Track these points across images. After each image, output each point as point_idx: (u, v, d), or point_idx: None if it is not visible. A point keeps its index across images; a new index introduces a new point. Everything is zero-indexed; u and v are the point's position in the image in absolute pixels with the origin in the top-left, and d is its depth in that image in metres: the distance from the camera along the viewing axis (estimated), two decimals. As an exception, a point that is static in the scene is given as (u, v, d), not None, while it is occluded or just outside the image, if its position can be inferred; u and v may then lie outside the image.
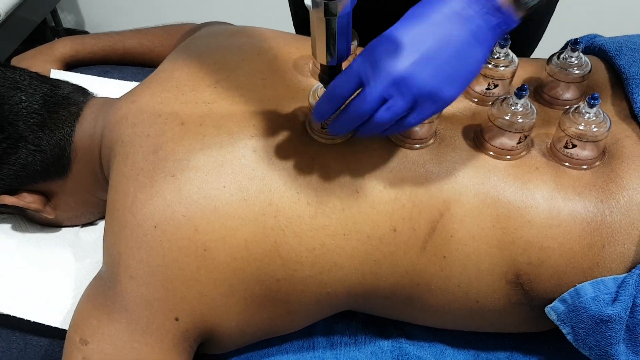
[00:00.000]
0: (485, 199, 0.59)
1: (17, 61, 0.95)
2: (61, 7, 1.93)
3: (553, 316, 0.60)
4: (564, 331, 0.60)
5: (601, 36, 0.76)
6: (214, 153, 0.60)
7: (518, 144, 0.60)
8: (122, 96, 0.71)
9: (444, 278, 0.61)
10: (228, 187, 0.59)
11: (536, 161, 0.61)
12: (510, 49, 0.66)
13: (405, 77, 0.49)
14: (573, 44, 0.66)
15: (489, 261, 0.59)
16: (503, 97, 0.61)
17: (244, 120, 0.63)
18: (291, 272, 0.60)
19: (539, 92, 0.69)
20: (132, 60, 1.01)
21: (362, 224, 0.59)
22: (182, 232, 0.58)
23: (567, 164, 0.61)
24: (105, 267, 0.62)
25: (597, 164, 0.61)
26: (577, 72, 0.65)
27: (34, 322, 0.70)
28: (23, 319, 0.70)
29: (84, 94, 0.75)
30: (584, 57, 0.66)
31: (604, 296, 0.57)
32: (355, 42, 0.67)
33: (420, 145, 0.61)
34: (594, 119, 0.59)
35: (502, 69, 0.65)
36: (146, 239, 0.58)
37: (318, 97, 0.59)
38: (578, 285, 0.58)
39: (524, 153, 0.62)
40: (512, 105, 0.60)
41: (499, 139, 0.60)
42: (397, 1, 0.79)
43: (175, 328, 0.59)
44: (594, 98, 0.58)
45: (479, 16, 0.49)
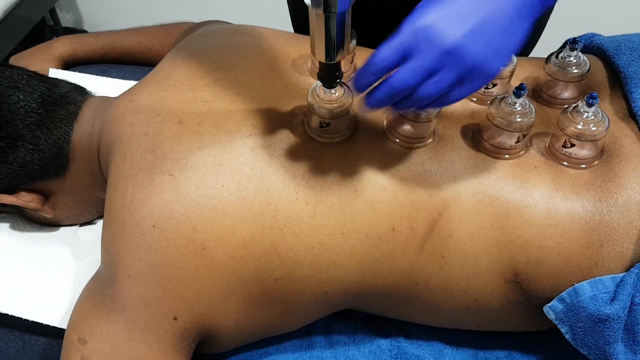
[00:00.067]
0: (483, 198, 0.59)
1: (15, 60, 0.95)
2: (60, 6, 1.93)
3: (551, 315, 0.60)
4: (562, 330, 0.60)
5: (600, 35, 0.76)
6: (213, 152, 0.60)
7: (516, 143, 0.60)
8: (120, 95, 0.71)
9: (442, 277, 0.61)
10: (226, 186, 0.59)
11: (535, 160, 0.61)
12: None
13: (456, 49, 0.46)
14: (572, 43, 0.65)
15: (487, 260, 0.59)
16: (502, 96, 0.61)
17: (243, 119, 0.63)
18: (290, 271, 0.60)
19: (538, 91, 0.68)
20: (130, 59, 1.01)
21: (361, 223, 0.59)
22: (180, 231, 0.58)
23: (565, 163, 0.61)
24: (103, 266, 0.62)
25: (596, 163, 0.61)
26: (575, 71, 0.65)
27: (32, 321, 0.69)
28: (21, 318, 0.69)
29: (82, 93, 0.75)
30: (582, 56, 0.66)
31: (602, 295, 0.56)
32: (354, 41, 0.67)
33: (419, 145, 0.61)
34: (592, 118, 0.59)
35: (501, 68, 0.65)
36: (145, 238, 0.58)
37: (317, 96, 0.59)
38: (576, 285, 0.58)
39: (523, 152, 0.62)
40: (510, 104, 0.60)
41: (497, 138, 0.60)
42: (397, 1, 0.79)
43: (174, 327, 0.59)
44: (593, 97, 0.58)
45: None
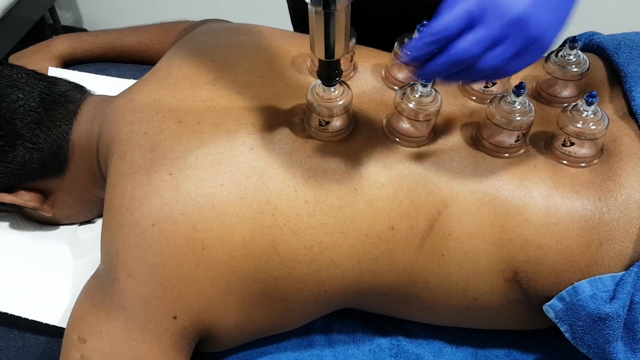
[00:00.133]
0: (483, 197, 0.59)
1: (14, 59, 0.95)
2: (59, 4, 1.92)
3: (551, 314, 0.60)
4: (562, 329, 0.60)
5: (599, 34, 0.76)
6: (212, 151, 0.60)
7: (516, 142, 0.60)
8: (119, 94, 0.71)
9: (442, 276, 0.61)
10: (226, 185, 0.59)
11: (534, 159, 0.61)
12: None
13: (523, 18, 0.45)
14: (571, 42, 0.65)
15: (486, 259, 0.59)
16: (501, 95, 0.61)
17: (242, 118, 0.63)
18: (289, 270, 0.60)
19: (537, 90, 0.68)
20: (130, 58, 1.01)
21: (360, 221, 0.59)
22: (180, 230, 0.58)
23: (565, 162, 0.61)
24: (103, 265, 0.62)
25: (595, 162, 0.61)
26: (575, 69, 0.65)
27: (32, 320, 0.69)
28: (21, 317, 0.69)
29: (81, 91, 0.75)
30: (582, 55, 0.66)
31: (601, 294, 0.56)
32: (354, 39, 0.66)
33: (418, 143, 0.61)
34: (592, 116, 0.59)
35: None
36: (144, 237, 0.58)
37: (316, 94, 0.59)
38: (576, 283, 0.58)
39: (522, 151, 0.62)
40: (510, 103, 0.59)
41: (497, 137, 0.60)
42: (397, 1, 0.79)
43: (174, 326, 0.59)
44: (592, 96, 0.58)
45: None
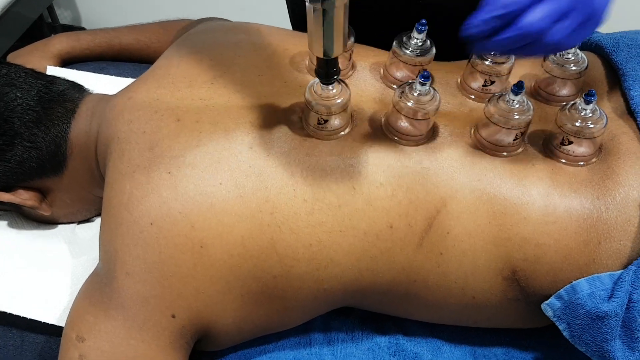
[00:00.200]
0: (481, 195, 0.59)
1: (12, 58, 0.95)
2: (58, 3, 1.92)
3: (549, 312, 0.60)
4: (560, 327, 0.60)
5: (598, 32, 0.76)
6: (210, 150, 0.60)
7: (514, 140, 0.60)
8: (118, 92, 0.71)
9: (440, 274, 0.61)
10: (224, 183, 0.59)
11: (532, 158, 0.61)
12: (507, 45, 0.65)
13: None
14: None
15: (485, 258, 0.59)
16: (500, 93, 0.61)
17: (241, 116, 0.63)
18: (288, 269, 0.60)
19: (536, 88, 0.68)
20: (128, 57, 1.01)
21: (359, 220, 0.59)
22: (178, 229, 0.58)
23: (563, 160, 0.61)
24: (101, 264, 0.62)
25: (594, 160, 0.61)
26: (573, 68, 0.65)
27: (30, 319, 0.69)
28: (20, 316, 0.69)
29: (79, 90, 0.75)
30: (580, 54, 0.66)
31: (600, 292, 0.57)
32: (352, 38, 0.66)
33: (416, 142, 0.61)
34: (590, 115, 0.59)
35: (499, 65, 0.65)
36: (142, 236, 0.58)
37: (314, 93, 0.59)
38: (574, 282, 0.58)
39: (521, 150, 0.62)
40: (508, 101, 0.59)
41: (495, 135, 0.60)
42: (396, 0, 0.79)
43: (172, 325, 0.59)
44: (591, 94, 0.58)
45: None
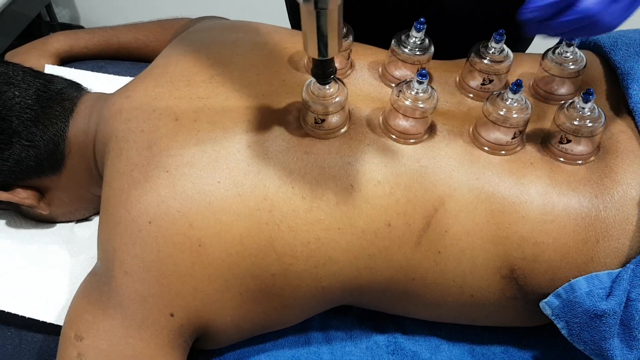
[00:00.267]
0: (479, 194, 0.59)
1: (10, 56, 0.95)
2: (56, 1, 1.92)
3: (548, 311, 0.60)
4: (558, 326, 0.60)
5: (597, 31, 0.76)
6: (209, 149, 0.60)
7: (513, 139, 0.60)
8: (116, 91, 0.71)
9: (438, 273, 0.61)
10: (223, 182, 0.59)
11: (531, 156, 0.61)
12: (506, 44, 0.65)
13: None
14: (568, 39, 0.65)
15: (483, 256, 0.59)
16: (498, 92, 0.61)
17: (239, 115, 0.63)
18: (286, 267, 0.60)
19: (534, 87, 0.68)
20: (126, 55, 1.01)
21: (357, 218, 0.59)
22: (176, 228, 0.58)
23: (561, 159, 0.61)
24: (100, 262, 0.61)
25: (592, 159, 0.61)
26: (572, 67, 0.65)
27: (28, 318, 0.69)
28: (18, 315, 0.69)
29: (77, 89, 0.75)
30: (579, 52, 0.66)
31: (598, 291, 0.57)
32: (351, 37, 0.66)
33: (414, 140, 0.61)
34: (588, 114, 0.59)
35: (497, 64, 0.65)
36: (141, 234, 0.58)
37: (311, 92, 0.59)
38: (572, 280, 0.58)
39: (519, 148, 0.62)
40: (507, 100, 0.59)
41: (493, 134, 0.60)
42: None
43: (171, 324, 0.59)
44: (589, 93, 0.58)
45: None
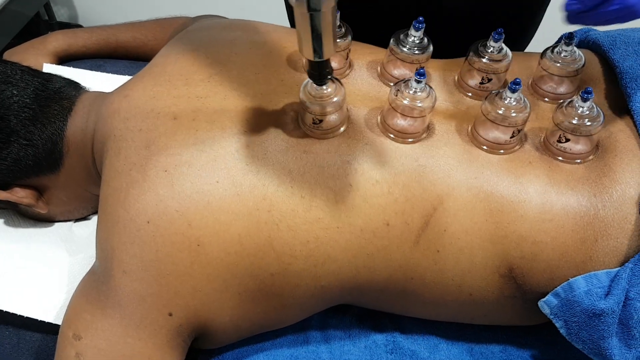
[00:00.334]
0: (478, 193, 0.59)
1: (9, 55, 0.95)
2: (54, 0, 1.91)
3: (546, 310, 0.60)
4: (557, 325, 0.60)
5: (595, 30, 0.75)
6: (207, 148, 0.60)
7: (511, 138, 0.60)
8: (114, 90, 0.71)
9: (437, 272, 0.61)
10: (221, 182, 0.59)
11: (529, 155, 0.61)
12: (504, 43, 0.65)
13: None
14: (567, 38, 0.65)
15: (482, 255, 0.59)
16: (496, 91, 0.61)
17: (237, 115, 0.63)
18: (285, 266, 0.60)
19: (533, 86, 0.68)
20: (125, 54, 1.01)
21: (355, 217, 0.59)
22: (175, 227, 0.58)
23: (560, 158, 0.61)
24: (98, 262, 0.61)
25: (591, 158, 0.61)
26: (571, 66, 0.65)
27: (27, 317, 0.69)
28: (16, 314, 0.69)
29: (76, 88, 0.74)
30: (577, 51, 0.66)
31: (596, 290, 0.57)
32: (349, 36, 0.66)
33: (413, 140, 0.61)
34: (587, 113, 0.59)
35: (496, 63, 0.65)
36: (139, 234, 0.58)
37: (309, 93, 0.59)
38: (571, 279, 0.58)
39: (518, 147, 0.62)
40: (505, 99, 0.59)
41: (492, 133, 0.60)
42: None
43: (169, 323, 0.59)
44: (588, 92, 0.58)
45: None
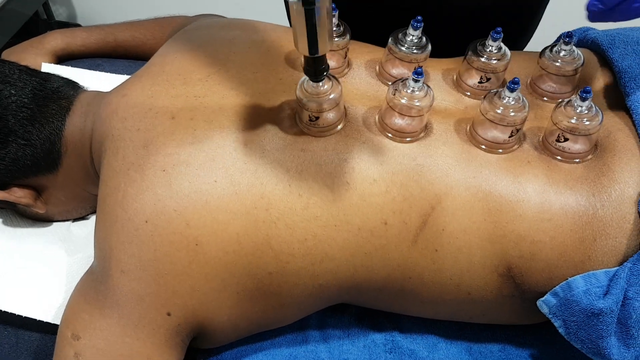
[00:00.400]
0: (476, 192, 0.59)
1: (7, 54, 0.94)
2: (53, 0, 1.91)
3: (545, 309, 0.60)
4: (555, 324, 0.60)
5: (594, 29, 0.75)
6: (205, 147, 0.60)
7: (510, 137, 0.60)
8: (112, 90, 0.71)
9: (435, 271, 0.61)
10: (219, 181, 0.59)
11: (528, 155, 0.61)
12: (503, 42, 0.65)
13: None
14: (566, 37, 0.65)
15: (480, 254, 0.59)
16: (495, 90, 0.61)
17: (235, 114, 0.63)
18: (283, 265, 0.60)
19: (532, 85, 0.68)
20: (124, 53, 1.00)
21: (353, 215, 0.59)
22: (173, 227, 0.58)
23: (559, 157, 0.61)
24: (96, 261, 0.61)
25: (589, 157, 0.61)
26: (569, 65, 0.65)
27: (25, 317, 0.69)
28: (15, 314, 0.69)
29: (74, 87, 0.74)
30: (576, 50, 0.66)
31: (595, 289, 0.57)
32: (348, 35, 0.66)
33: (410, 139, 0.61)
34: (586, 112, 0.59)
35: (495, 62, 0.65)
36: (137, 233, 0.58)
37: (305, 90, 0.59)
38: (570, 279, 0.58)
39: (516, 147, 0.62)
40: (504, 98, 0.59)
41: (491, 132, 0.60)
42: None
43: (167, 323, 0.59)
44: (586, 91, 0.58)
45: None
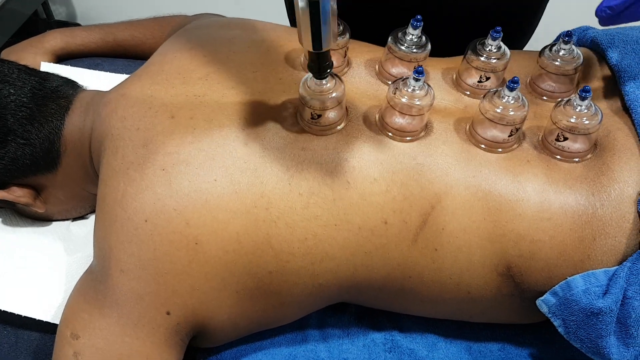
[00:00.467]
0: (476, 192, 0.59)
1: (6, 54, 0.94)
2: (53, -1, 1.91)
3: (544, 309, 0.60)
4: (555, 324, 0.60)
5: (594, 28, 0.75)
6: (205, 146, 0.60)
7: (509, 136, 0.60)
8: (112, 89, 0.71)
9: (435, 270, 0.61)
10: (219, 180, 0.59)
11: (528, 154, 0.61)
12: (503, 41, 0.65)
13: None
14: (565, 36, 0.65)
15: (480, 254, 0.59)
16: (495, 89, 0.61)
17: (235, 113, 0.62)
18: (283, 264, 0.60)
19: (531, 84, 0.68)
20: (123, 53, 1.00)
21: (353, 215, 0.59)
22: (173, 226, 0.57)
23: (558, 156, 0.61)
24: (96, 261, 0.61)
25: (589, 156, 0.61)
26: (569, 64, 0.65)
27: (25, 316, 0.69)
28: (14, 313, 0.69)
29: (73, 86, 0.74)
30: (576, 50, 0.66)
31: (594, 289, 0.57)
32: (347, 34, 0.66)
33: (411, 138, 0.61)
34: (585, 111, 0.59)
35: (494, 61, 0.65)
36: (137, 232, 0.58)
37: (308, 88, 0.59)
38: (569, 278, 0.58)
39: (516, 146, 0.62)
40: (503, 97, 0.59)
41: (490, 131, 0.60)
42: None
43: (167, 322, 0.59)
44: (586, 91, 0.58)
45: None
